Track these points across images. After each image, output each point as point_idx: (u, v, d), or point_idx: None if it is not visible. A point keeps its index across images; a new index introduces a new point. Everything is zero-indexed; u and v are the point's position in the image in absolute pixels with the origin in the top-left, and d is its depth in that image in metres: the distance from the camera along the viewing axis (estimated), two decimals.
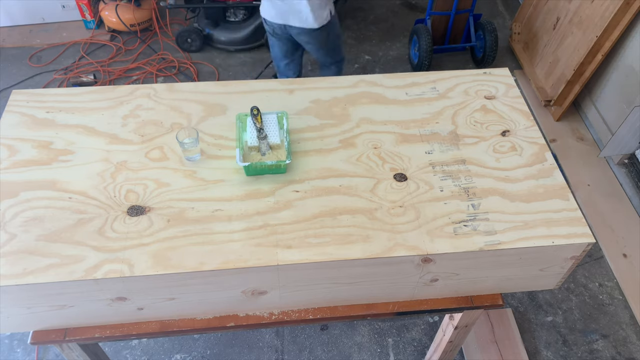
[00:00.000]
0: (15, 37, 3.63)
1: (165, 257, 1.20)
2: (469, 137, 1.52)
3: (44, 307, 1.25)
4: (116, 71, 3.42)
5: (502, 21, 3.94)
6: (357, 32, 3.82)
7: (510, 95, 1.65)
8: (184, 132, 1.39)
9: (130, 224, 1.26)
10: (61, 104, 1.55)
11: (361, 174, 1.40)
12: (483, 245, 1.26)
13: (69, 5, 3.65)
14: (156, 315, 1.35)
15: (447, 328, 1.73)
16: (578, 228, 1.30)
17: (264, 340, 2.20)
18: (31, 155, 1.41)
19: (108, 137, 1.47)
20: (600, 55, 2.75)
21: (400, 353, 2.17)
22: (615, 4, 2.60)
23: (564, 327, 2.27)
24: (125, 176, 1.37)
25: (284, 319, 1.39)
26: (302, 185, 1.37)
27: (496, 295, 1.46)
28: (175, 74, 3.41)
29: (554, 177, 1.42)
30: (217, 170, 1.40)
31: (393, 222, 1.29)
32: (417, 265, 1.27)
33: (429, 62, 3.35)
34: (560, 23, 3.08)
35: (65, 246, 1.21)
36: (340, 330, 2.24)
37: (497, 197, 1.36)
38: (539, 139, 1.52)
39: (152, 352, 2.14)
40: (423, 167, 1.43)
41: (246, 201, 1.33)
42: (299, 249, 1.23)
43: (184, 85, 1.65)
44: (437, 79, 1.70)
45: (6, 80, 3.36)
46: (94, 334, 1.35)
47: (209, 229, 1.26)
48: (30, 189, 1.33)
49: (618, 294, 2.38)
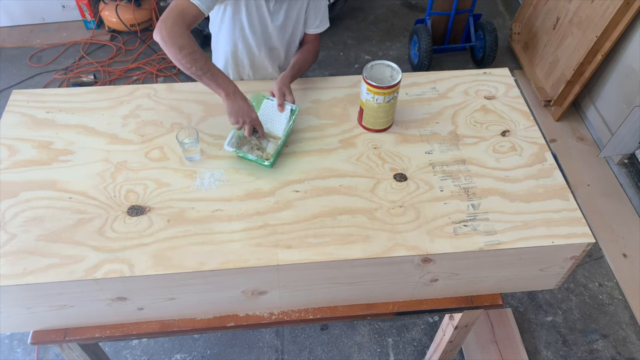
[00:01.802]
0: (15, 37, 3.63)
1: (165, 257, 1.20)
2: (469, 137, 1.52)
3: (44, 307, 1.25)
4: (116, 71, 3.42)
5: (502, 21, 3.94)
6: (357, 32, 3.82)
7: (510, 95, 1.65)
8: (184, 132, 1.39)
9: (130, 224, 1.26)
10: (61, 104, 1.55)
11: (361, 174, 1.40)
12: (483, 245, 1.26)
13: (69, 5, 3.65)
14: (156, 315, 1.35)
15: (447, 328, 1.73)
16: (578, 228, 1.30)
17: (264, 340, 2.20)
18: (31, 155, 1.41)
19: (108, 137, 1.47)
20: (600, 55, 2.75)
21: (400, 353, 2.17)
22: (615, 4, 2.60)
23: (564, 327, 2.27)
24: (125, 176, 1.37)
25: (284, 319, 1.39)
26: (302, 185, 1.37)
27: (496, 295, 1.46)
28: (175, 74, 3.41)
29: (554, 177, 1.42)
30: (217, 170, 1.40)
31: (393, 222, 1.29)
32: (417, 265, 1.27)
33: (429, 62, 3.34)
34: (560, 23, 3.08)
35: (65, 246, 1.21)
36: (340, 330, 2.24)
37: (497, 197, 1.36)
38: (539, 139, 1.52)
39: (152, 352, 2.14)
40: (423, 167, 1.43)
41: (246, 201, 1.33)
42: (299, 249, 1.23)
43: (184, 85, 1.65)
44: (437, 79, 1.70)
45: (6, 80, 3.36)
46: (94, 334, 1.35)
47: (209, 229, 1.26)
48: (30, 189, 1.33)
49: (618, 294, 2.38)
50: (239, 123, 1.41)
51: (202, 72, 1.37)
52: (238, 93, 1.41)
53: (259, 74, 1.75)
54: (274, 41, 1.66)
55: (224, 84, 1.40)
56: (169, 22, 1.35)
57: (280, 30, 1.64)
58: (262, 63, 1.72)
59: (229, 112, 1.41)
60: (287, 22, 1.63)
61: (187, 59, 1.34)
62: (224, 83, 1.40)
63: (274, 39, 1.65)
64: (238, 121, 1.41)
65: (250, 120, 1.41)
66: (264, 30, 1.62)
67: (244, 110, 1.41)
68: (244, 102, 1.41)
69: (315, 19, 1.67)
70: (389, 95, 1.42)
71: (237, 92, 1.41)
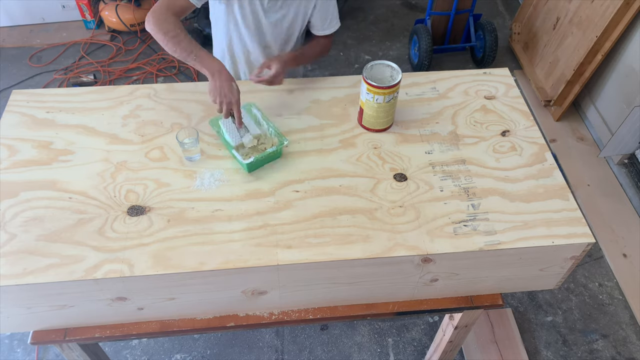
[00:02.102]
0: (15, 37, 3.63)
1: (165, 257, 1.20)
2: (468, 137, 1.52)
3: (44, 307, 1.25)
4: (116, 71, 3.42)
5: (502, 21, 3.94)
6: (357, 32, 3.82)
7: (510, 95, 1.65)
8: (184, 132, 1.39)
9: (130, 224, 1.26)
10: (61, 104, 1.55)
11: (361, 174, 1.40)
12: (483, 245, 1.26)
13: (69, 5, 3.64)
14: (156, 315, 1.35)
15: (447, 328, 1.73)
16: (578, 228, 1.30)
17: (264, 340, 2.20)
18: (31, 155, 1.41)
19: (108, 137, 1.47)
20: (600, 55, 2.75)
21: (400, 353, 2.17)
22: (615, 4, 2.60)
23: (564, 327, 2.27)
24: (125, 176, 1.37)
25: (284, 319, 1.39)
26: (302, 185, 1.37)
27: (496, 295, 1.46)
28: (175, 74, 3.41)
29: (553, 177, 1.42)
30: (217, 170, 1.40)
31: (393, 222, 1.29)
32: (417, 265, 1.27)
33: (429, 62, 3.34)
34: (560, 23, 3.07)
35: (65, 246, 1.21)
36: (340, 330, 2.24)
37: (497, 197, 1.36)
38: (538, 139, 1.52)
39: (152, 352, 2.14)
40: (423, 167, 1.43)
41: (246, 201, 1.33)
42: (299, 249, 1.23)
43: (184, 85, 1.65)
44: (437, 79, 1.70)
45: (6, 80, 3.36)
46: (94, 334, 1.35)
47: (209, 229, 1.26)
48: (30, 189, 1.33)
49: (618, 294, 2.38)
50: (216, 103, 1.40)
51: (186, 53, 1.41)
52: (224, 72, 1.40)
53: (254, 71, 1.75)
54: (268, 38, 1.66)
55: (208, 63, 1.41)
56: (157, 10, 1.44)
57: (274, 28, 1.64)
58: (257, 60, 1.72)
59: (209, 89, 1.40)
60: (283, 20, 1.63)
61: (172, 41, 1.40)
62: (209, 62, 1.41)
63: (268, 36, 1.65)
64: (216, 100, 1.40)
65: (228, 102, 1.39)
66: (257, 26, 1.62)
67: (224, 89, 1.39)
68: (227, 82, 1.39)
69: (323, 20, 1.67)
70: (389, 95, 1.42)
71: (223, 71, 1.40)
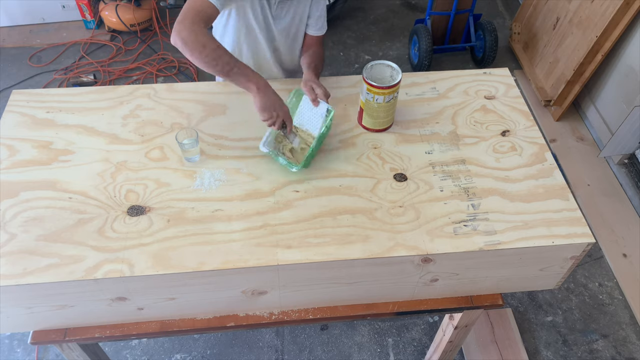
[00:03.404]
0: (15, 37, 3.63)
1: (165, 257, 1.20)
2: (468, 137, 1.52)
3: (44, 307, 1.25)
4: (116, 71, 3.42)
5: (502, 21, 3.94)
6: (357, 32, 3.82)
7: (510, 95, 1.65)
8: (183, 132, 1.39)
9: (130, 224, 1.26)
10: (61, 104, 1.55)
11: (361, 174, 1.40)
12: (483, 245, 1.26)
13: (69, 5, 3.64)
14: (156, 315, 1.35)
15: (447, 328, 1.73)
16: (578, 228, 1.30)
17: (264, 340, 2.20)
18: (31, 155, 1.41)
19: (108, 137, 1.47)
20: (600, 55, 2.75)
21: (400, 353, 2.17)
22: (615, 4, 2.60)
23: (564, 327, 2.27)
24: (125, 176, 1.37)
25: (284, 319, 1.39)
26: (302, 185, 1.37)
27: (496, 295, 1.46)
28: (175, 74, 3.41)
29: (553, 177, 1.42)
30: (217, 170, 1.40)
31: (393, 222, 1.29)
32: (417, 265, 1.27)
33: (429, 62, 3.34)
34: (560, 23, 3.08)
35: (65, 246, 1.21)
36: (340, 330, 2.24)
37: (497, 197, 1.36)
38: (538, 139, 1.52)
39: (152, 352, 2.14)
40: (423, 167, 1.43)
41: (246, 201, 1.33)
42: (299, 249, 1.23)
43: (184, 85, 1.65)
44: (437, 79, 1.70)
45: (6, 80, 3.36)
46: (94, 334, 1.35)
47: (209, 229, 1.26)
48: (30, 189, 1.33)
49: (618, 294, 2.38)
50: (272, 117, 1.36)
51: (229, 67, 1.32)
52: (269, 86, 1.36)
53: (264, 75, 1.75)
54: (277, 43, 1.66)
55: (254, 77, 1.35)
56: (187, 22, 1.31)
57: (283, 32, 1.63)
58: (267, 64, 1.71)
59: (262, 106, 1.34)
60: (291, 24, 1.63)
61: (211, 55, 1.30)
62: (254, 77, 1.35)
63: (277, 40, 1.65)
64: (272, 115, 1.36)
65: (283, 114, 1.37)
66: (268, 32, 1.61)
67: (277, 104, 1.36)
68: (275, 96, 1.37)
69: (317, 19, 1.67)
70: (389, 95, 1.42)
71: (268, 85, 1.36)
